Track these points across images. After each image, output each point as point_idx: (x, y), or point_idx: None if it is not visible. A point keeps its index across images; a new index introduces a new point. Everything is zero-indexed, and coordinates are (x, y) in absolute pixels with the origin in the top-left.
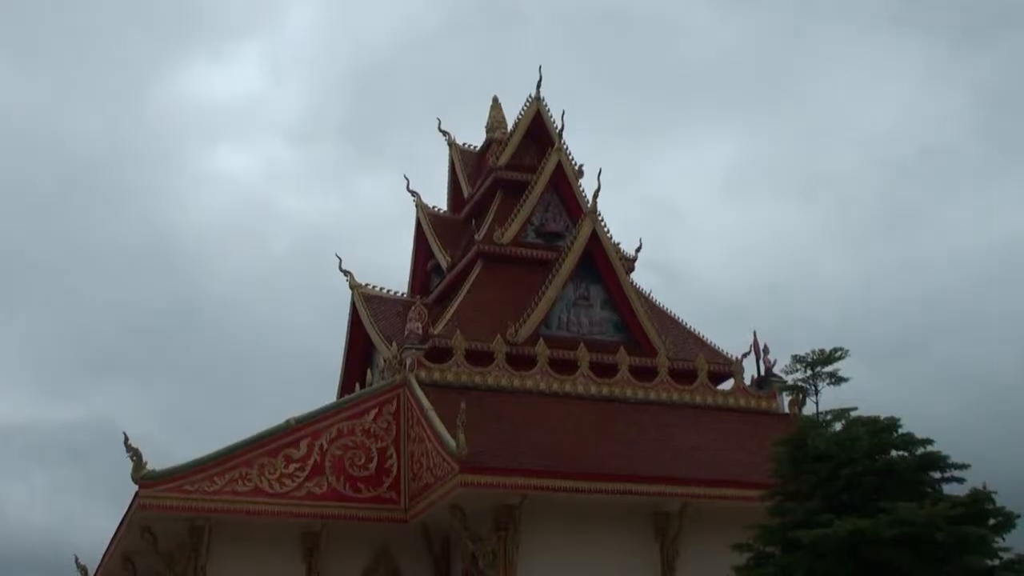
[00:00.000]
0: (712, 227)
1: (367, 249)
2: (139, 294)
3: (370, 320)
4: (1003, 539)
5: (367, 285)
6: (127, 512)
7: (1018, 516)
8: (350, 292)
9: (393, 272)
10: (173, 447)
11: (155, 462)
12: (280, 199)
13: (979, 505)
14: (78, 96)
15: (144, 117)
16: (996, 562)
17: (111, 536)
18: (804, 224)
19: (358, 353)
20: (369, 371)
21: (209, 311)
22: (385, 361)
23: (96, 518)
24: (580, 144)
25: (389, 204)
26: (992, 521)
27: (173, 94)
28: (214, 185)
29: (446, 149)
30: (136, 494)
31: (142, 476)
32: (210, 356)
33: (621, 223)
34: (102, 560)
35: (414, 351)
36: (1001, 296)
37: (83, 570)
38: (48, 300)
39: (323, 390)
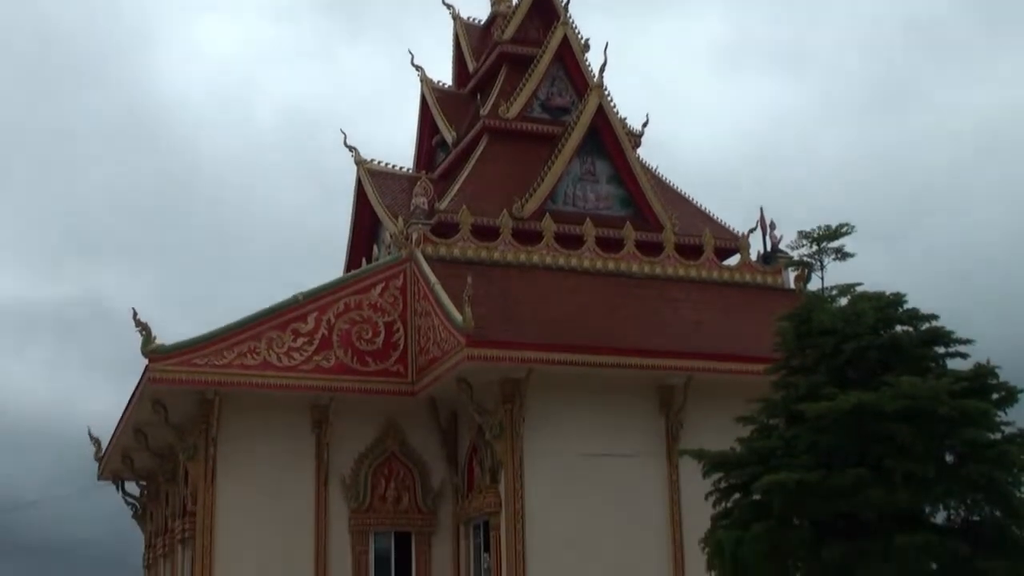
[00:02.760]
0: (701, 103)
1: (355, 125)
2: (127, 172)
3: (375, 196)
4: (1005, 413)
5: (372, 161)
6: (137, 385)
7: (1021, 391)
8: (355, 167)
9: (382, 147)
10: (166, 324)
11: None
12: (265, 75)
13: (982, 380)
14: None
15: None
16: (998, 436)
17: (119, 409)
18: (793, 101)
19: (364, 229)
20: (375, 247)
21: (199, 189)
22: (391, 236)
23: (98, 392)
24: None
25: (376, 79)
26: (995, 396)
27: None
28: (197, 61)
29: (436, 22)
30: (146, 368)
31: (151, 350)
32: (201, 234)
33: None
34: (114, 432)
35: (420, 226)
36: (990, 171)
37: (96, 442)
38: (36, 178)
39: (322, 268)
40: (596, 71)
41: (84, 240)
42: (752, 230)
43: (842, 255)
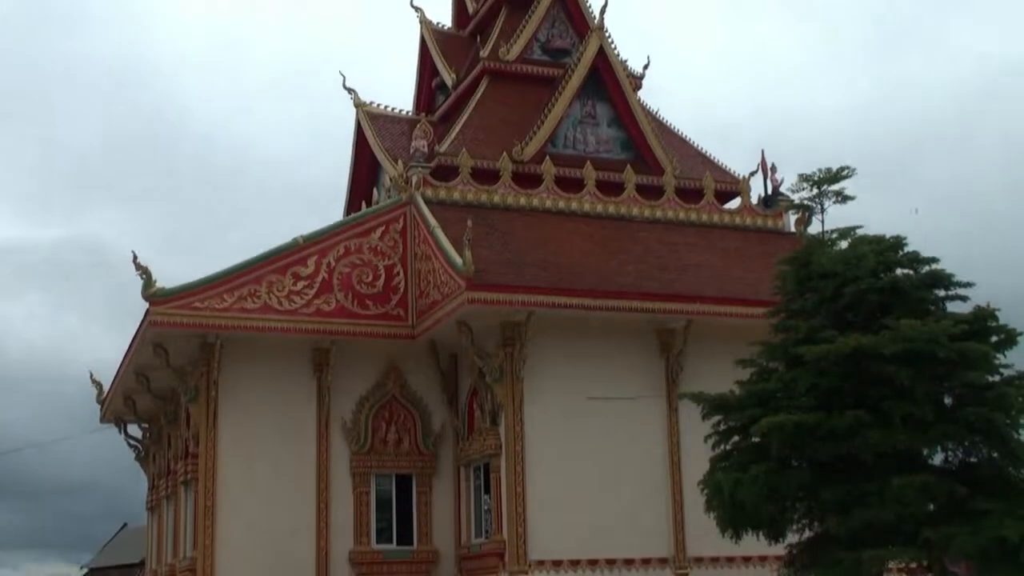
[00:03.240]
0: (702, 45)
1: (353, 67)
2: (122, 116)
3: (375, 139)
4: (1004, 356)
5: (371, 103)
6: (138, 329)
7: (1020, 333)
8: (354, 110)
9: (381, 89)
10: (164, 268)
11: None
12: (259, 18)
13: (982, 322)
14: None
15: None
16: (997, 378)
17: (119, 352)
18: (795, 44)
19: (363, 172)
20: (375, 190)
21: (194, 132)
22: (391, 180)
23: (98, 335)
24: None
25: (373, 21)
26: (994, 338)
27: None
28: (190, 4)
29: None
30: (147, 311)
31: (152, 294)
32: (198, 177)
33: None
34: (116, 375)
35: (420, 169)
36: (993, 114)
37: (98, 385)
38: (30, 122)
39: (322, 211)
40: (597, 13)
41: (79, 184)
42: (753, 173)
43: (843, 198)
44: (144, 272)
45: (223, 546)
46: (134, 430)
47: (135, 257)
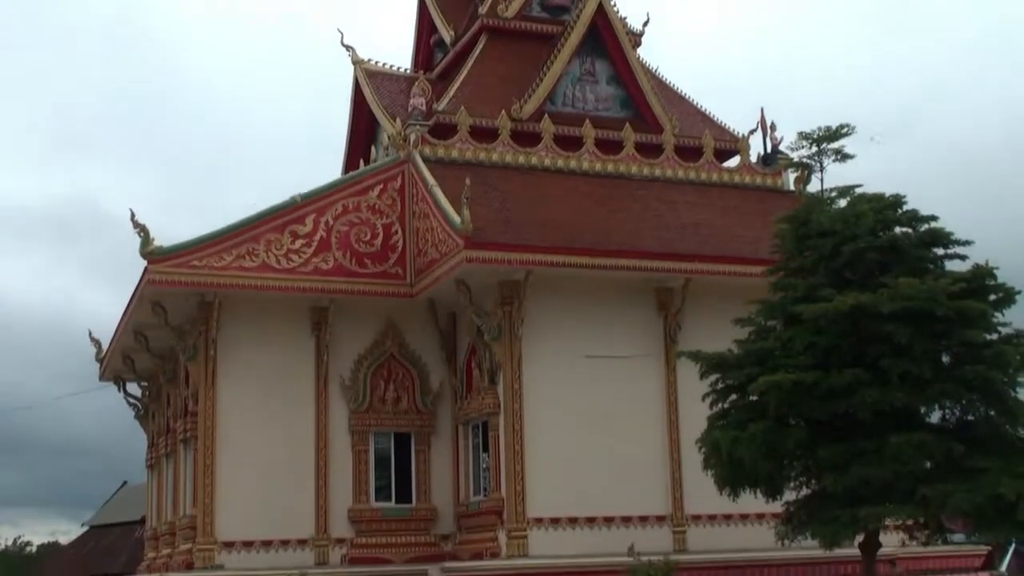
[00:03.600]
0: (701, 3)
1: (352, 23)
2: (120, 73)
3: (373, 96)
4: (1003, 314)
5: (369, 60)
6: (137, 287)
7: (1019, 292)
8: (352, 68)
9: (380, 47)
10: (163, 226)
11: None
12: None
13: (980, 281)
14: None
15: None
16: (995, 336)
17: (118, 311)
18: (795, 3)
19: (361, 131)
20: (373, 148)
21: (192, 90)
22: (389, 138)
23: (95, 293)
24: None
25: None
26: (993, 297)
27: None
28: None
29: None
30: (145, 270)
31: (150, 252)
32: (196, 133)
33: None
34: (115, 334)
35: (418, 127)
36: (990, 77)
37: (97, 344)
38: (23, 80)
39: (320, 170)
40: None
41: (78, 142)
42: (752, 132)
43: (842, 156)
44: (142, 230)
45: (222, 504)
46: (133, 388)
47: (133, 215)
